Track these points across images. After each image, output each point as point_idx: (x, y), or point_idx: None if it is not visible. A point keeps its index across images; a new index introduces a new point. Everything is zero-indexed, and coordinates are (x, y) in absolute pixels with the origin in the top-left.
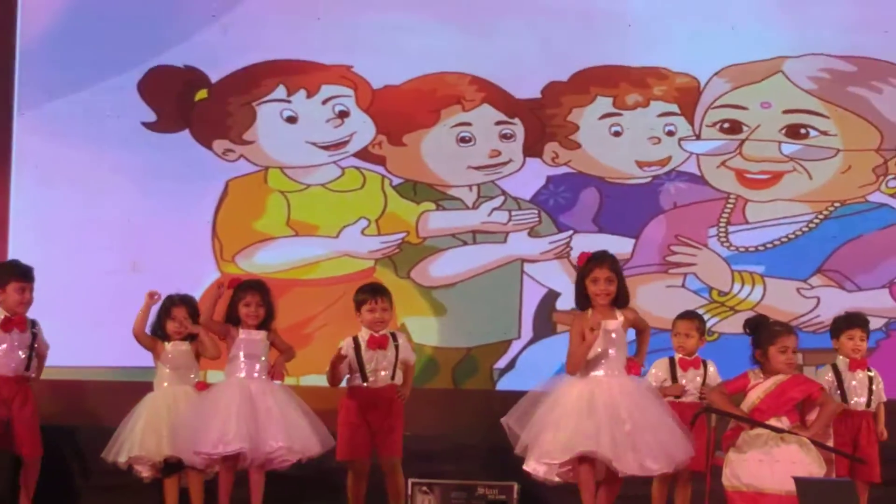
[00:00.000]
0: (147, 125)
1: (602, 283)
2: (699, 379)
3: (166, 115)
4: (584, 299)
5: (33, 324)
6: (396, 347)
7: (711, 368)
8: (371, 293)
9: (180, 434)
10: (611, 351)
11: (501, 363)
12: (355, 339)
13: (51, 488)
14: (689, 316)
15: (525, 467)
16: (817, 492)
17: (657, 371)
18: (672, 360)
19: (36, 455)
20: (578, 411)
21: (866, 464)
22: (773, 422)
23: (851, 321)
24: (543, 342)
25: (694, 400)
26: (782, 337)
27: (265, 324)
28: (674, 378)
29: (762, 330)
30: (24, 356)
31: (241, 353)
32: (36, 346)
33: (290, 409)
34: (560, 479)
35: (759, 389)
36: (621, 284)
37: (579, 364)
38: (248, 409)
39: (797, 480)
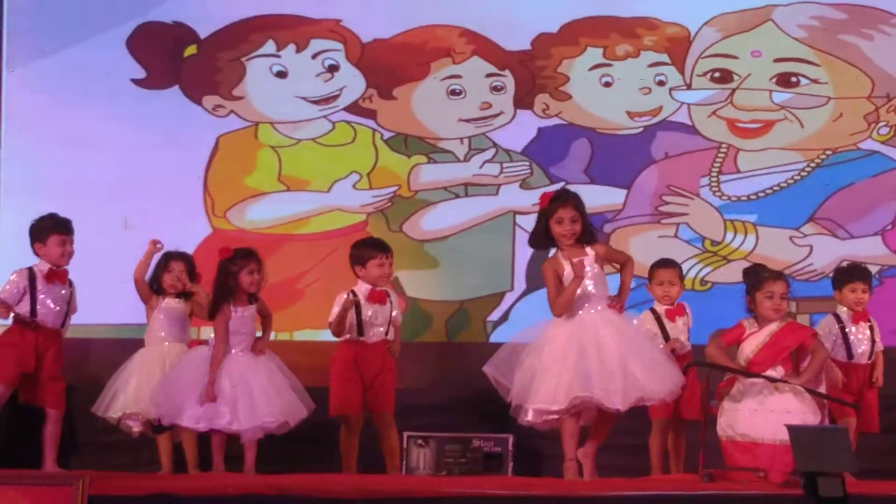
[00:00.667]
0: (136, 82)
1: (567, 223)
2: (687, 326)
3: (156, 72)
4: (545, 240)
5: (70, 283)
6: (391, 303)
7: (689, 312)
8: (381, 248)
9: (165, 399)
10: (588, 286)
11: (494, 315)
12: (353, 293)
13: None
14: (670, 264)
15: (522, 420)
16: (810, 439)
17: (644, 325)
18: (655, 311)
19: (59, 409)
20: (565, 357)
21: (861, 408)
22: (768, 372)
23: (854, 274)
24: (536, 294)
25: (687, 350)
26: (768, 282)
27: (255, 293)
28: (662, 329)
29: (751, 276)
30: (61, 311)
31: (232, 330)
32: (71, 303)
33: (278, 381)
34: (549, 427)
35: (753, 342)
36: (585, 222)
37: (567, 306)
38: (237, 387)
39: (790, 428)
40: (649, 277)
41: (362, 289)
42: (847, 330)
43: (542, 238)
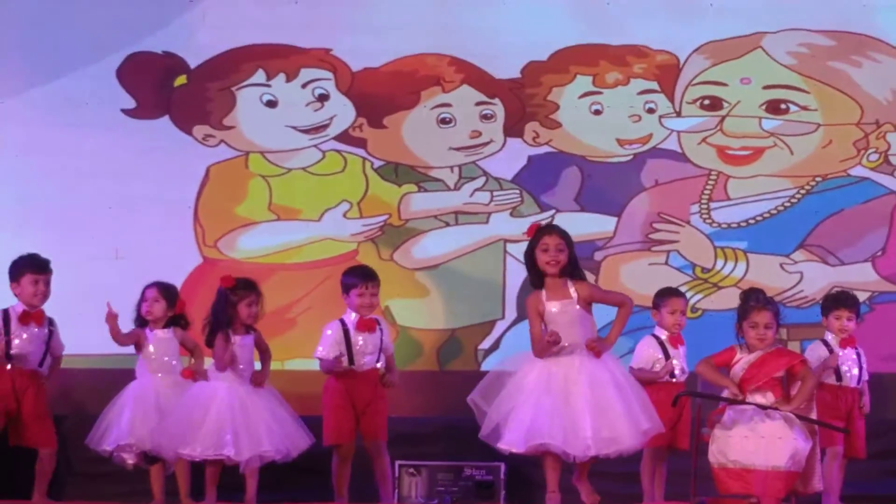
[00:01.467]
0: (127, 112)
1: (552, 251)
2: (684, 355)
3: (146, 102)
4: (536, 276)
5: (51, 322)
6: (381, 332)
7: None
8: (362, 278)
9: (165, 431)
10: (568, 331)
11: (486, 344)
12: (342, 322)
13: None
14: (683, 294)
15: (498, 445)
16: None
17: (649, 349)
18: (657, 337)
19: (50, 448)
20: (536, 396)
21: (850, 433)
22: (757, 397)
23: (839, 301)
24: (527, 322)
25: (685, 379)
26: (753, 312)
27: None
28: (666, 355)
29: (740, 304)
30: (37, 351)
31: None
32: (51, 343)
33: (279, 412)
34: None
35: (744, 362)
36: (571, 254)
37: (542, 353)
38: (239, 416)
39: None
40: (659, 305)
41: (351, 317)
42: (835, 353)
43: (532, 272)
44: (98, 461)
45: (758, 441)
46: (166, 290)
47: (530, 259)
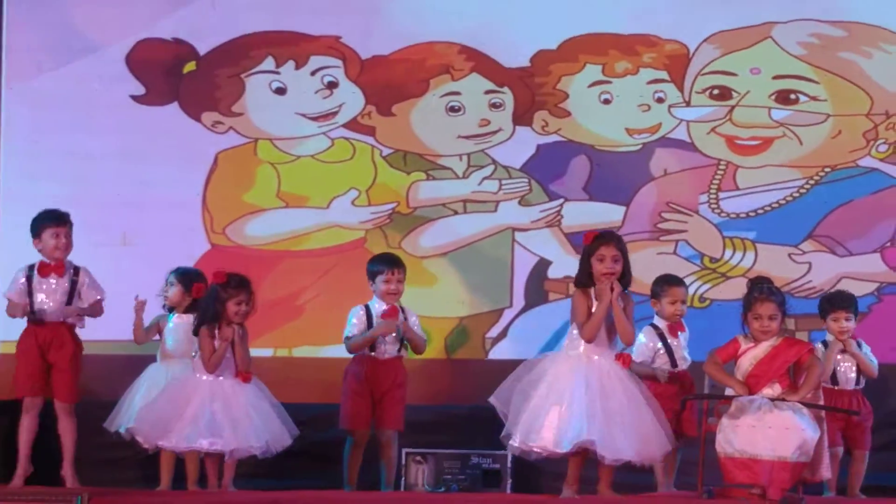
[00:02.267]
0: (136, 98)
1: (608, 262)
2: (686, 342)
3: (154, 88)
4: (586, 277)
5: (76, 271)
6: (405, 320)
7: (685, 326)
8: (388, 264)
9: (145, 420)
10: (608, 334)
11: (493, 332)
12: (367, 308)
13: (49, 463)
14: (683, 283)
15: (512, 442)
16: None
17: (647, 340)
18: (657, 327)
19: (68, 401)
20: (571, 396)
21: (860, 414)
22: (766, 389)
23: (835, 302)
24: (535, 310)
25: (687, 367)
26: (756, 304)
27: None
28: (665, 344)
29: (746, 294)
30: (61, 303)
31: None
32: (80, 292)
33: (263, 407)
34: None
35: (751, 356)
36: (626, 264)
37: (596, 329)
38: (220, 409)
39: None
40: (659, 294)
41: (376, 304)
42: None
43: (582, 275)
44: (108, 447)
45: (765, 431)
46: (182, 276)
47: (585, 265)
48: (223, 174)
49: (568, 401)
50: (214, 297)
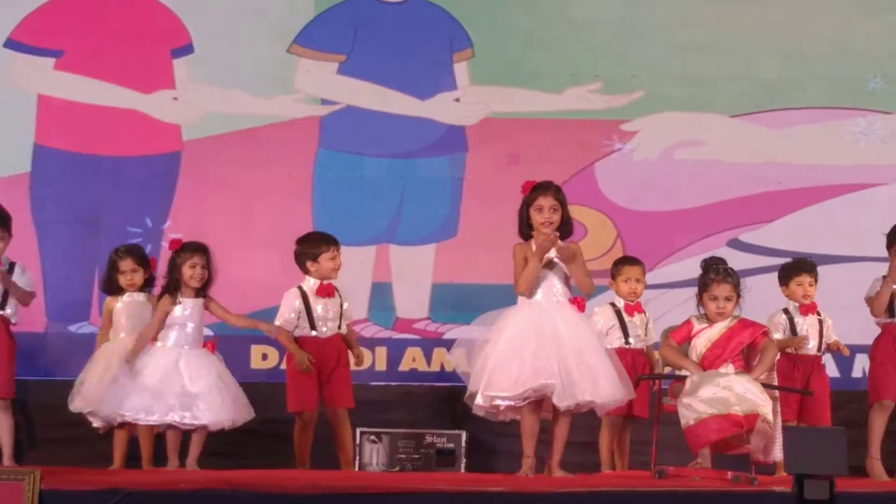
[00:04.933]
0: None
1: (546, 212)
2: (644, 323)
3: None
4: (526, 228)
5: (11, 267)
6: (340, 298)
7: (646, 311)
8: (332, 242)
9: (108, 395)
10: (552, 277)
11: None
12: (300, 289)
13: None
14: (636, 261)
15: (474, 408)
16: (802, 440)
17: (601, 318)
18: (614, 305)
19: (5, 394)
20: (524, 343)
21: (813, 395)
22: (721, 370)
23: (800, 267)
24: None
25: (643, 346)
26: (712, 285)
27: (203, 289)
28: (622, 324)
29: (700, 276)
30: None
31: (178, 322)
32: (10, 288)
33: (228, 378)
34: (503, 417)
35: (705, 337)
36: (565, 213)
37: (530, 280)
38: (180, 381)
39: (785, 429)
40: (614, 274)
41: (310, 284)
42: (795, 321)
43: (523, 227)
44: (61, 426)
45: (729, 393)
46: (142, 259)
47: (524, 216)
48: None
49: (524, 348)
50: (171, 264)
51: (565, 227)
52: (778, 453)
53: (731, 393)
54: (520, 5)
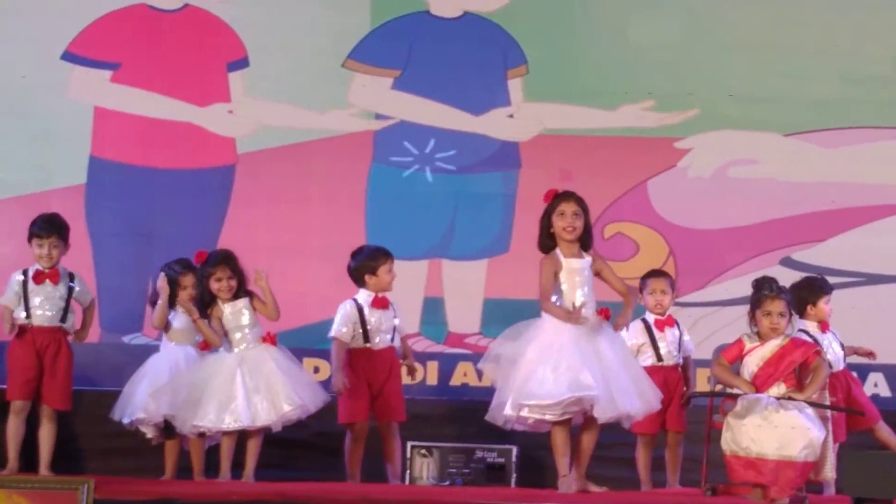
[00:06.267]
0: None
1: (569, 217)
2: (677, 338)
3: None
4: (547, 239)
5: (71, 277)
6: (394, 311)
7: (678, 324)
8: (388, 255)
9: (181, 406)
10: (584, 289)
11: None
12: (356, 301)
13: (54, 451)
14: (662, 273)
15: (502, 412)
16: (861, 464)
17: (634, 335)
18: (645, 321)
19: (62, 406)
20: (560, 354)
21: (865, 415)
22: (772, 389)
23: (824, 288)
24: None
25: (676, 362)
26: (766, 301)
27: (241, 291)
28: (652, 341)
29: (753, 293)
30: (58, 308)
31: (231, 327)
32: (73, 298)
33: (290, 367)
34: (527, 428)
35: (757, 356)
36: (587, 222)
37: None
38: (249, 381)
39: (844, 452)
40: (641, 287)
41: (365, 296)
42: (819, 340)
43: (544, 237)
44: (110, 436)
45: (771, 431)
46: (189, 267)
47: (545, 225)
48: None
49: (558, 359)
50: (199, 277)
51: (586, 237)
52: (829, 472)
53: (774, 431)
54: (575, 22)
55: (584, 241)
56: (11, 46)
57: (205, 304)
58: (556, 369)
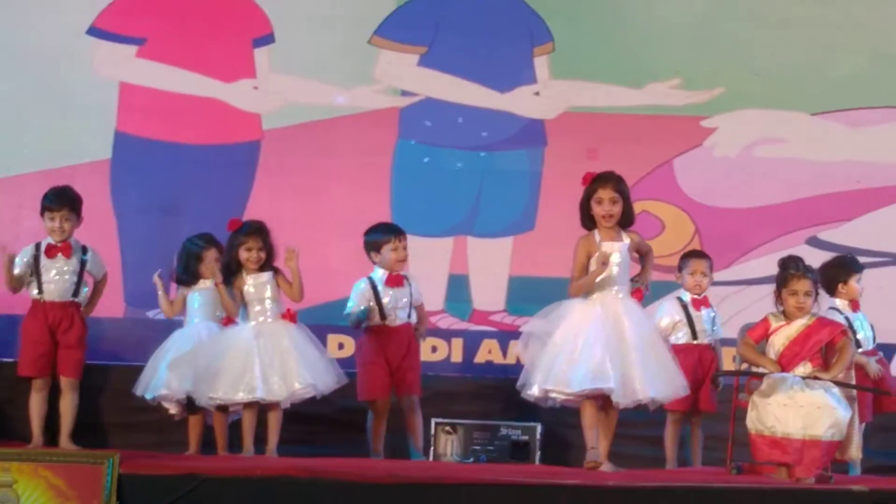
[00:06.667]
0: None
1: (606, 204)
2: (711, 318)
3: None
4: (588, 220)
5: (84, 250)
6: (410, 286)
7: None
8: (395, 232)
9: (198, 378)
10: (615, 272)
11: None
12: (370, 280)
13: (78, 426)
14: (704, 255)
15: (528, 391)
16: None
17: (670, 313)
18: (681, 300)
19: (74, 375)
20: (584, 338)
21: (892, 395)
22: (798, 368)
23: (854, 265)
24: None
25: (710, 342)
26: (791, 281)
27: (267, 265)
28: (689, 319)
29: (779, 272)
30: (70, 282)
31: (251, 298)
32: (86, 272)
33: (306, 346)
34: (556, 405)
35: (783, 335)
36: (626, 205)
37: (584, 290)
38: (263, 355)
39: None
40: (680, 267)
41: (380, 274)
42: (850, 320)
43: (585, 218)
44: (133, 411)
45: (796, 409)
46: (212, 242)
47: (586, 207)
48: None
49: (584, 348)
50: (229, 245)
51: (626, 219)
52: (855, 451)
53: (799, 410)
54: (601, 0)
55: (625, 222)
56: (37, 22)
57: (231, 272)
58: (578, 358)
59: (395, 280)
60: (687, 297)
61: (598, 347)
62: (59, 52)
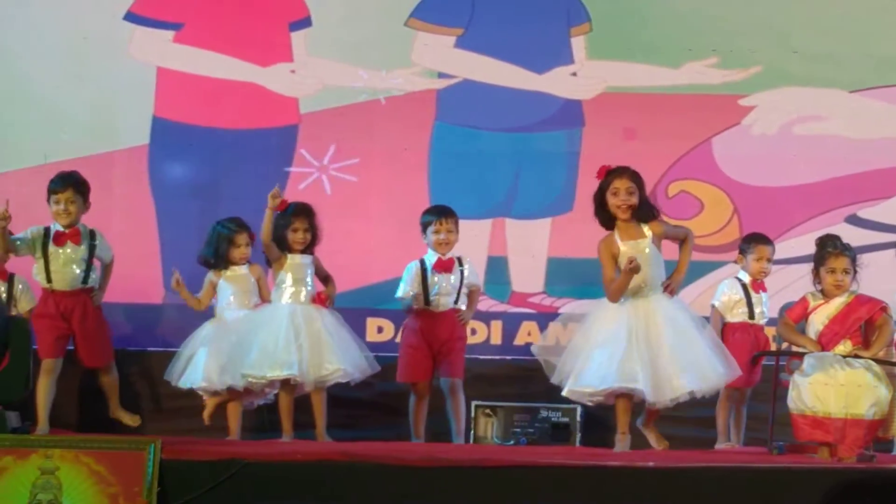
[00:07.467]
0: None
1: (623, 194)
2: (765, 301)
3: None
4: (606, 217)
5: (92, 235)
6: (462, 272)
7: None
8: (437, 214)
9: (231, 357)
10: (643, 272)
11: None
12: (422, 262)
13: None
14: (770, 241)
15: (564, 393)
16: None
17: (730, 292)
18: (739, 279)
19: (103, 362)
20: (614, 341)
21: None
22: (839, 346)
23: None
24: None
25: (764, 323)
26: (829, 259)
27: (309, 248)
28: (748, 299)
29: (817, 250)
30: (79, 270)
31: (289, 278)
32: (95, 257)
33: (338, 331)
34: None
35: (822, 314)
36: (643, 196)
37: (619, 295)
38: (296, 334)
39: None
40: (746, 251)
41: (431, 257)
42: None
43: (602, 215)
44: (172, 396)
45: (837, 389)
46: (244, 227)
47: (600, 201)
48: None
49: (611, 346)
50: (277, 225)
51: (644, 210)
52: None
53: (840, 389)
54: None
55: (645, 214)
56: (74, 7)
57: (281, 247)
58: (605, 360)
59: (444, 265)
60: (747, 277)
61: (626, 349)
62: (96, 39)
